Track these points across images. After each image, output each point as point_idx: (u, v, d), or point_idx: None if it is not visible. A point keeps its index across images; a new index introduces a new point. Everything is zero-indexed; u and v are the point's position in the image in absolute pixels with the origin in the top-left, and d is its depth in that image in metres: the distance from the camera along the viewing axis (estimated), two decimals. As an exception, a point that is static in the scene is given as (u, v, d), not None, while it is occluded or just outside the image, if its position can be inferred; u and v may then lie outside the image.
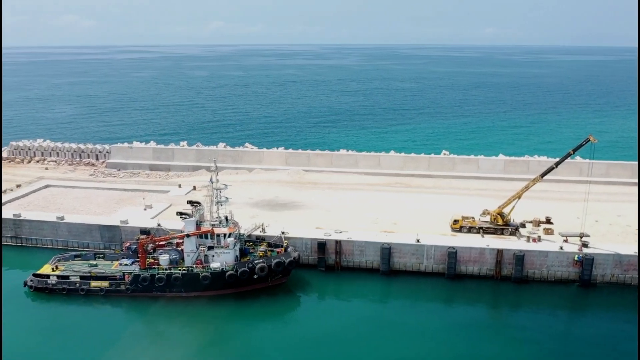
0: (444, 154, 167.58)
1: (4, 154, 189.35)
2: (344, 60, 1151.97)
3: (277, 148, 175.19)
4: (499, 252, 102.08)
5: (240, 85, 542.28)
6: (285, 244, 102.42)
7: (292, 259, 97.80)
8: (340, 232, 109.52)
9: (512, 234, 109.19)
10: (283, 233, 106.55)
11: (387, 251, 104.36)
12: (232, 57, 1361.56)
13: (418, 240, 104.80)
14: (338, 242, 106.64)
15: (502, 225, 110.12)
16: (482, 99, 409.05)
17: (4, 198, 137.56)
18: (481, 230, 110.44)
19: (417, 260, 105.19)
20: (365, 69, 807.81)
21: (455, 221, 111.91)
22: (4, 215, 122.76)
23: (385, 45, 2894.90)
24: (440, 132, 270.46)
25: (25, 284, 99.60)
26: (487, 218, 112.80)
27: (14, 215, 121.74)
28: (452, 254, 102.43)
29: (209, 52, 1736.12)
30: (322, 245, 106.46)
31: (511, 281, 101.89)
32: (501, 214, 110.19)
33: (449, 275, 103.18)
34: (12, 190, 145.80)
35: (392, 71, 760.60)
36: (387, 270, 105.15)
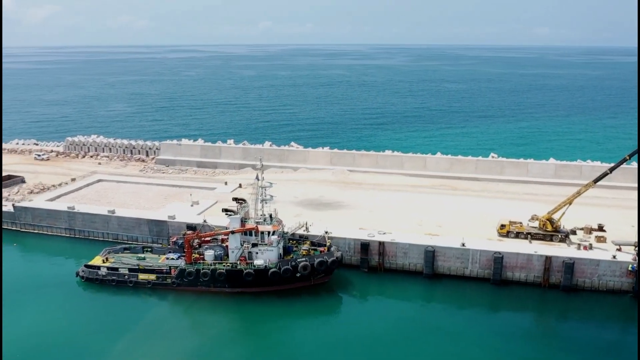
0: (492, 157, 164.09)
1: (60, 149, 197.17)
2: (391, 60, 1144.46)
3: (323, 148, 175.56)
4: (548, 259, 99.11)
5: (287, 85, 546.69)
6: (328, 244, 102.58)
7: (334, 258, 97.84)
8: (384, 233, 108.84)
9: (562, 240, 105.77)
10: (326, 232, 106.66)
11: (431, 254, 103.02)
12: (280, 56, 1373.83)
13: (463, 244, 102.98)
14: (381, 244, 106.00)
15: (551, 231, 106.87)
16: (534, 101, 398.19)
17: (60, 191, 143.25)
18: (529, 235, 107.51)
19: (462, 264, 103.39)
20: (413, 70, 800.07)
21: (502, 226, 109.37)
22: (58, 208, 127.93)
23: (434, 46, 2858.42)
24: (488, 134, 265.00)
25: (77, 274, 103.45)
26: (536, 224, 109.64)
27: (68, 207, 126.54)
28: (498, 259, 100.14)
29: (258, 52, 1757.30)
30: (365, 246, 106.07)
31: (559, 289, 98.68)
32: (551, 220, 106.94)
33: (494, 281, 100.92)
34: (67, 183, 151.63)
35: (441, 72, 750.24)
36: (430, 273, 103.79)
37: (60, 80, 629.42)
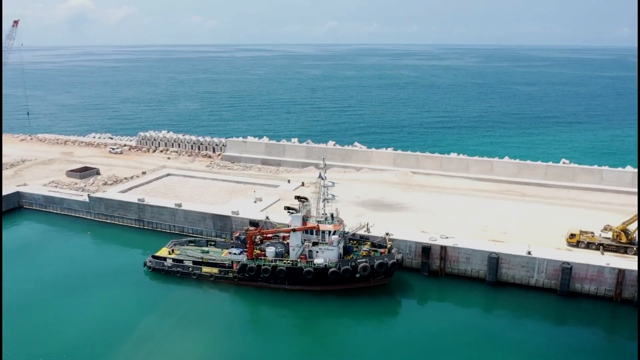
0: (563, 162, 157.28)
1: (133, 143, 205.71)
2: (460, 61, 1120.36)
3: (386, 148, 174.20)
4: (621, 272, 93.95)
5: (352, 85, 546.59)
6: (389, 245, 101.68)
7: (395, 260, 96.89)
8: (446, 237, 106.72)
9: (637, 253, 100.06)
10: (387, 234, 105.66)
11: (494, 261, 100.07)
12: (346, 56, 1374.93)
13: (529, 252, 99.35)
14: (443, 248, 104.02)
15: (625, 243, 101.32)
16: (613, 107, 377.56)
17: (131, 183, 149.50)
18: (601, 246, 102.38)
19: (527, 273, 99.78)
20: (482, 71, 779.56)
21: (572, 235, 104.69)
22: (129, 199, 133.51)
23: (504, 46, 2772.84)
24: (560, 140, 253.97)
25: (144, 264, 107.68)
26: (609, 234, 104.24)
27: (139, 199, 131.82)
28: (567, 270, 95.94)
29: (324, 52, 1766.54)
30: (426, 250, 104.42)
31: (633, 305, 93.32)
32: (625, 231, 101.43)
33: (562, 292, 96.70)
34: (138, 176, 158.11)
35: (512, 73, 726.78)
36: (493, 280, 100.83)
37: (135, 77, 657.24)
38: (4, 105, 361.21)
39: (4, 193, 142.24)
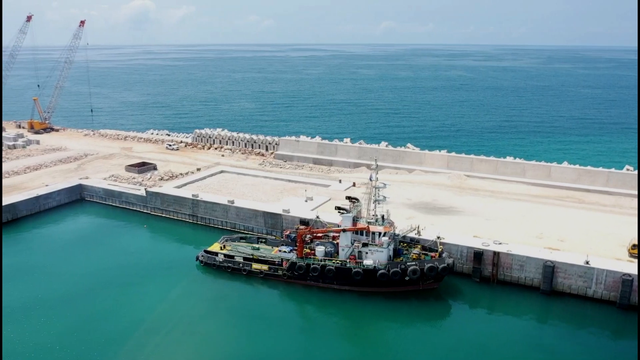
0: (627, 169, 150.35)
1: (189, 140, 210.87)
2: (518, 62, 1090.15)
3: (439, 151, 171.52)
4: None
5: (407, 86, 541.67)
6: (440, 249, 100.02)
7: (445, 265, 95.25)
8: (500, 243, 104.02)
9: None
10: (438, 238, 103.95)
11: (550, 269, 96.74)
12: (401, 56, 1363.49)
13: (587, 262, 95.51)
14: (496, 254, 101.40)
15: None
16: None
17: (186, 179, 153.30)
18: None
19: (585, 283, 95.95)
20: (542, 73, 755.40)
21: (635, 246, 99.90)
22: (184, 195, 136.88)
23: (566, 47, 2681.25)
24: (625, 146, 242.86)
25: (197, 258, 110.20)
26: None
27: (193, 195, 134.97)
28: (628, 282, 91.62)
29: (378, 52, 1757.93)
30: (478, 255, 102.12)
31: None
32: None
33: (622, 305, 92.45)
34: (192, 173, 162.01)
35: (574, 75, 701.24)
36: (548, 290, 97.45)
37: (192, 76, 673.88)
38: (71, 101, 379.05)
39: (69, 185, 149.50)
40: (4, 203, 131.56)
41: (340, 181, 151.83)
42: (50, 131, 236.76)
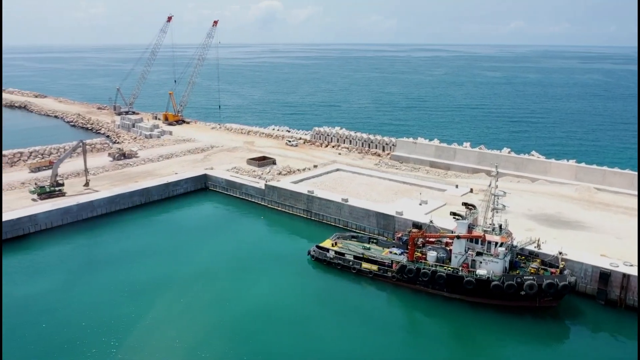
0: None
1: (307, 137, 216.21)
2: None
3: (567, 160, 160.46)
4: None
5: (534, 91, 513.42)
6: (561, 266, 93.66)
7: (567, 282, 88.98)
8: (631, 265, 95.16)
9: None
10: (560, 253, 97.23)
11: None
12: (530, 58, 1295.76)
13: None
14: (626, 276, 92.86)
15: None
16: None
17: (303, 175, 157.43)
18: None
19: None
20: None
21: None
22: (300, 190, 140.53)
23: None
24: None
25: (309, 252, 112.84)
26: None
27: (308, 191, 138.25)
28: None
29: (505, 53, 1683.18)
30: (605, 276, 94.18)
31: None
32: None
33: None
34: (309, 169, 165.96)
35: None
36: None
37: (315, 74, 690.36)
38: (201, 96, 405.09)
39: (195, 174, 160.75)
40: (140, 187, 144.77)
41: (457, 186, 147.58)
42: (182, 123, 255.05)
